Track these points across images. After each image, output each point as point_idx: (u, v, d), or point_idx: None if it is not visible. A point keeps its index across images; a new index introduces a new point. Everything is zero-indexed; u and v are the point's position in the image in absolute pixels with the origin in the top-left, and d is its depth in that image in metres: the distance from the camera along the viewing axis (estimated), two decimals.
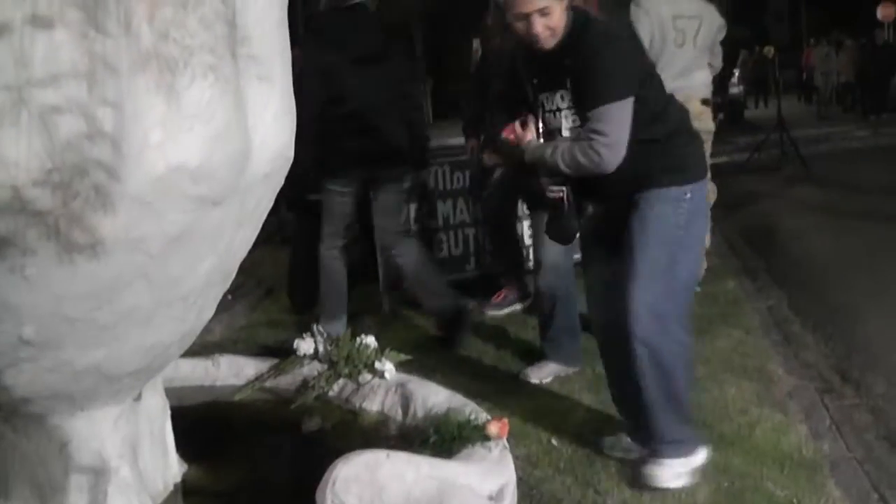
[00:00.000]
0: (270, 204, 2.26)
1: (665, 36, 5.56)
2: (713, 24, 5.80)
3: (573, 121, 3.24)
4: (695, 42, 5.65)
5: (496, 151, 4.23)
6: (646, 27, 5.46)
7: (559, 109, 3.28)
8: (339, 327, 4.69)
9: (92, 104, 1.65)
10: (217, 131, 1.84)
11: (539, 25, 3.14)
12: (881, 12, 24.83)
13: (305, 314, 5.32)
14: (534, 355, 4.57)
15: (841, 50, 24.71)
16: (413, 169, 5.07)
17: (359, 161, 4.69)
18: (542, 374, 4.39)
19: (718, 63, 6.10)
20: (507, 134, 3.59)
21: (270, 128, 2.09)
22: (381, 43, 4.79)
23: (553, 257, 4.42)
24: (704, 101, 5.75)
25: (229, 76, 1.90)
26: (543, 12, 3.13)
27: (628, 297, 3.15)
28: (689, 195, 3.26)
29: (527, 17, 3.15)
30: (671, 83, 4.46)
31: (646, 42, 5.21)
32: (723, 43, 5.90)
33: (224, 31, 1.88)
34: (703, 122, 5.53)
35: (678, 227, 3.23)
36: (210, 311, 2.33)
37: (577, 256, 4.67)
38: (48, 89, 1.60)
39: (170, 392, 2.77)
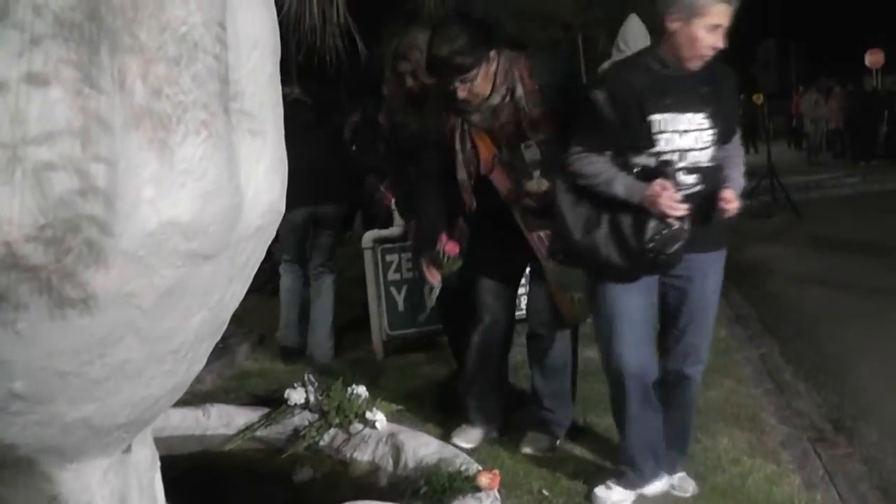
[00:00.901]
0: (262, 257, 2.28)
1: None
2: None
3: (704, 141, 3.31)
4: None
5: (434, 266, 4.08)
6: None
7: (687, 131, 3.30)
8: (293, 336, 5.77)
9: (85, 161, 1.67)
10: (209, 187, 1.86)
11: (721, 41, 3.21)
12: (869, 59, 25.12)
13: None
14: (524, 405, 4.52)
15: (830, 96, 24.93)
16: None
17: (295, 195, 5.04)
18: (471, 438, 4.15)
19: None
20: (447, 249, 3.85)
21: (262, 182, 2.11)
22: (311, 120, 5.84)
23: (497, 312, 4.18)
24: None
25: (222, 132, 1.92)
26: (725, 29, 3.22)
27: (704, 352, 3.55)
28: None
29: (716, 30, 3.18)
30: None
31: None
32: None
33: (217, 87, 1.91)
34: None
35: None
36: (201, 364, 2.33)
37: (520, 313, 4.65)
38: (42, 146, 1.62)
39: (160, 442, 2.76)
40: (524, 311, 4.53)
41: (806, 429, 4.37)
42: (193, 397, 4.12)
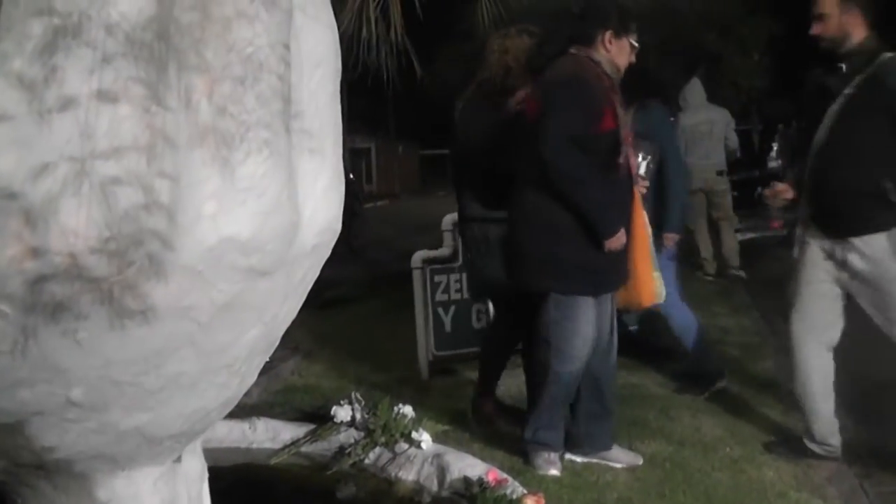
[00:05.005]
0: (316, 275, 2.29)
1: (693, 135, 9.48)
2: (722, 123, 9.81)
3: None
4: (710, 137, 9.66)
5: None
6: (682, 132, 9.16)
7: None
8: None
9: (150, 176, 1.69)
10: (269, 205, 1.88)
11: None
12: None
13: None
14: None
15: None
16: None
17: None
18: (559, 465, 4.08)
19: (733, 143, 10.02)
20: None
21: (320, 200, 2.12)
22: None
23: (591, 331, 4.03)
24: (719, 172, 9.81)
25: (283, 150, 1.94)
26: None
27: None
28: None
29: None
30: (700, 162, 9.41)
31: (685, 139, 9.18)
32: (762, 116, 6.87)
33: (280, 106, 1.93)
34: (718, 184, 9.83)
35: None
36: (252, 378, 2.34)
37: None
38: (110, 161, 1.64)
39: (206, 453, 2.78)
40: None
41: (853, 464, 4.27)
42: (240, 410, 4.11)
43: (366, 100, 25.92)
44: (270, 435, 3.69)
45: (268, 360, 2.84)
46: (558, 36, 4.65)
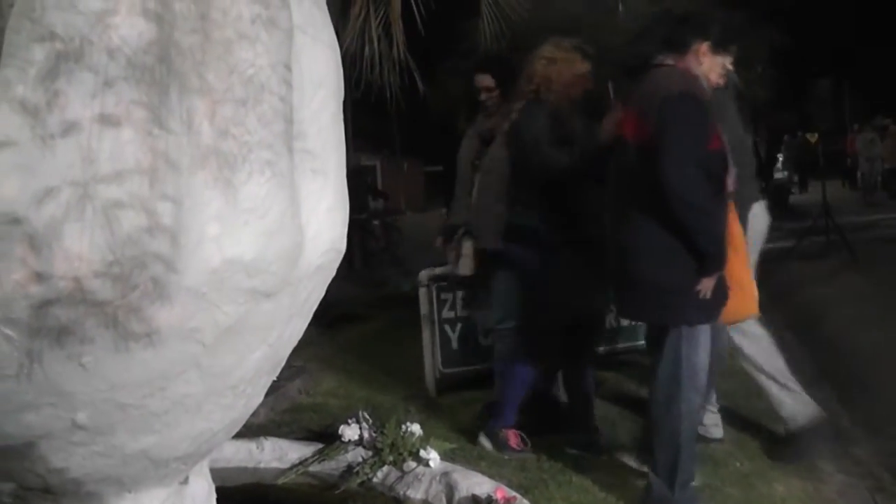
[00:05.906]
0: (321, 295, 2.29)
1: None
2: None
3: None
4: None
5: None
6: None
7: None
8: None
9: (153, 199, 1.69)
10: (272, 226, 1.88)
11: None
12: None
13: None
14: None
15: (886, 135, 24.54)
16: None
17: None
18: None
19: None
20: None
21: (324, 221, 2.12)
22: None
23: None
24: None
25: (285, 171, 1.94)
26: None
27: None
28: None
29: None
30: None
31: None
32: (767, 127, 6.73)
33: (282, 127, 1.93)
34: None
35: None
36: (258, 399, 2.34)
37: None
38: (112, 185, 1.64)
39: (213, 473, 2.78)
40: None
41: (864, 477, 4.25)
42: (247, 430, 4.12)
43: (370, 118, 26.03)
44: (278, 454, 3.68)
45: (274, 379, 2.85)
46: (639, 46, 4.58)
